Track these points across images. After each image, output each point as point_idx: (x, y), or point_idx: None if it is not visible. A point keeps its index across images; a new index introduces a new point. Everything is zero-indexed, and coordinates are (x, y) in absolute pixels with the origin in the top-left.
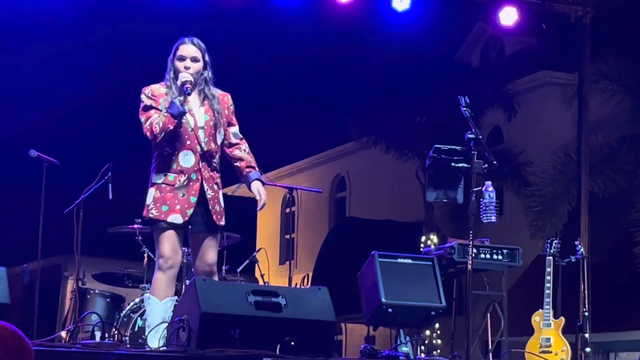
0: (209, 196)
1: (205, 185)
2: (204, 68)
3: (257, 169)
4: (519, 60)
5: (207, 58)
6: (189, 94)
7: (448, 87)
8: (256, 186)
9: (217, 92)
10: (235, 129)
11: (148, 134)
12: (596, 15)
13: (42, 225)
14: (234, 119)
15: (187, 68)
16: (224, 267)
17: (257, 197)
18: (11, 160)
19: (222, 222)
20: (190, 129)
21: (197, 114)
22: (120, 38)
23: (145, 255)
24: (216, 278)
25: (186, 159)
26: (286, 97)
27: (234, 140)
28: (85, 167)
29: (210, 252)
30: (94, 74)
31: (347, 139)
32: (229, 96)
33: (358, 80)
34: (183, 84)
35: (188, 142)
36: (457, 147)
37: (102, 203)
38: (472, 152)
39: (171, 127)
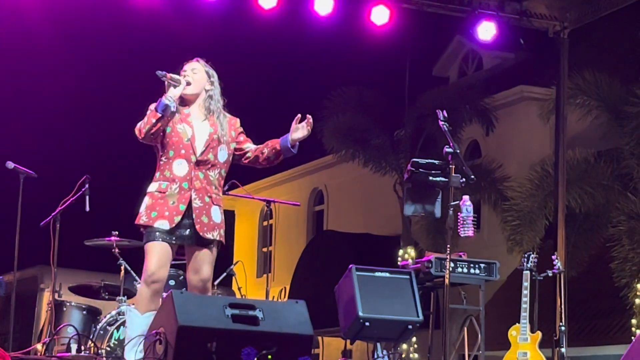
0: (195, 205)
1: (194, 194)
2: (210, 84)
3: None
4: (497, 75)
5: (213, 77)
6: (165, 79)
7: (426, 101)
8: (292, 131)
9: (227, 115)
10: (250, 143)
11: (136, 132)
12: (574, 30)
13: (19, 236)
14: (245, 137)
15: (185, 76)
16: None
17: (300, 126)
18: None
19: (210, 235)
20: (186, 139)
21: (199, 126)
22: (99, 52)
23: (122, 267)
24: (210, 294)
25: (179, 168)
26: (263, 109)
27: (254, 147)
28: (62, 179)
29: (203, 266)
30: (71, 86)
31: (325, 152)
32: (238, 120)
33: (336, 94)
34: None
35: (183, 152)
36: (435, 161)
37: (79, 215)
38: (450, 166)
39: (154, 121)
